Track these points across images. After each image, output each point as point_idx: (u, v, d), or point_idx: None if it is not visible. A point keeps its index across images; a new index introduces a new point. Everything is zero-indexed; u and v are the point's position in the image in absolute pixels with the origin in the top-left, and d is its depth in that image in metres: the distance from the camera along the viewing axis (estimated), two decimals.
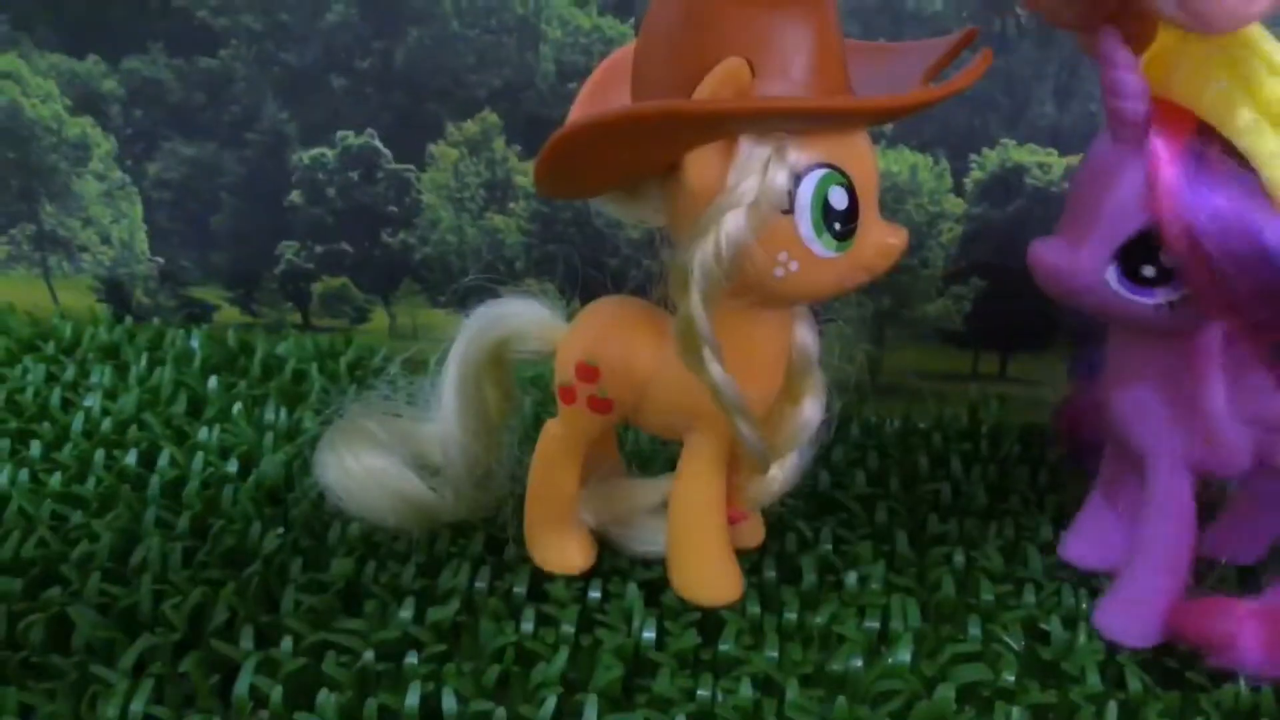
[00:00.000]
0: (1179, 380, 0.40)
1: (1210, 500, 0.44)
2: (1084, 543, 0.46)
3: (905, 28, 0.55)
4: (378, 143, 0.61)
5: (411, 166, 0.61)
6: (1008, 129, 0.57)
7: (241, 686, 0.39)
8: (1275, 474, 0.41)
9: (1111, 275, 0.38)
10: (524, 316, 0.44)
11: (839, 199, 0.36)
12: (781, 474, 0.42)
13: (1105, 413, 0.43)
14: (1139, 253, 0.37)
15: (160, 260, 0.64)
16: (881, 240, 0.38)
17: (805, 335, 0.41)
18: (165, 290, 0.65)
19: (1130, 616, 0.42)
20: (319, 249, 0.63)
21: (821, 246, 0.36)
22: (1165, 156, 0.36)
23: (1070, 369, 0.54)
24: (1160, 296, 0.38)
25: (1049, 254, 0.39)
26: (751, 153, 0.35)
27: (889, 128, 0.57)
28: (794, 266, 0.37)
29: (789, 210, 0.36)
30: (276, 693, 0.38)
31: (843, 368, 0.43)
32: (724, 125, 0.36)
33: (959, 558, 0.46)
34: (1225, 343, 0.39)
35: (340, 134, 0.61)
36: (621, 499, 0.44)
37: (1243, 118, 0.35)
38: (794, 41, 0.35)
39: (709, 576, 0.43)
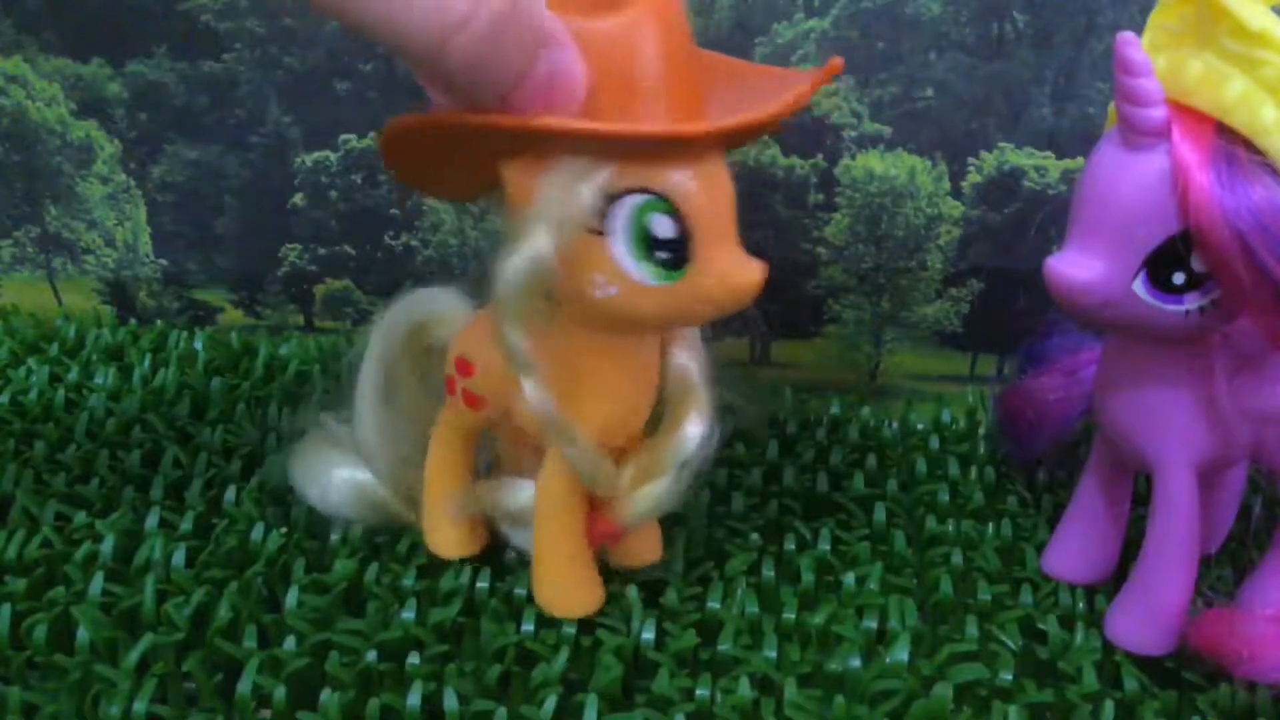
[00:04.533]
0: (1186, 383, 0.40)
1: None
2: (1066, 555, 0.46)
3: (903, 33, 0.56)
4: None
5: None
6: (1005, 132, 0.57)
7: (244, 686, 0.39)
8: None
9: (1140, 285, 0.37)
10: (434, 305, 0.45)
11: (663, 227, 0.35)
12: (657, 491, 0.40)
13: (1104, 423, 0.43)
14: (1168, 260, 0.36)
15: (164, 262, 0.64)
16: (726, 273, 0.36)
17: (682, 358, 0.40)
18: (169, 292, 0.65)
19: (1149, 625, 0.42)
20: (322, 251, 0.63)
21: (644, 274, 0.35)
22: (1195, 163, 0.35)
23: (1018, 362, 0.54)
24: (1190, 302, 0.37)
25: (1069, 269, 0.37)
26: (563, 169, 0.34)
27: (888, 131, 0.57)
28: (613, 290, 0.35)
29: (600, 231, 0.35)
30: (279, 692, 0.39)
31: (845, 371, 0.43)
32: (531, 140, 0.34)
33: (956, 558, 0.47)
34: (1223, 339, 0.40)
35: (343, 137, 0.61)
36: (498, 496, 0.44)
37: (1267, 116, 0.35)
38: (627, 58, 0.34)
39: (560, 587, 0.43)
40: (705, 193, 0.35)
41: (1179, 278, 0.37)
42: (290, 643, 0.41)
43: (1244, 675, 0.40)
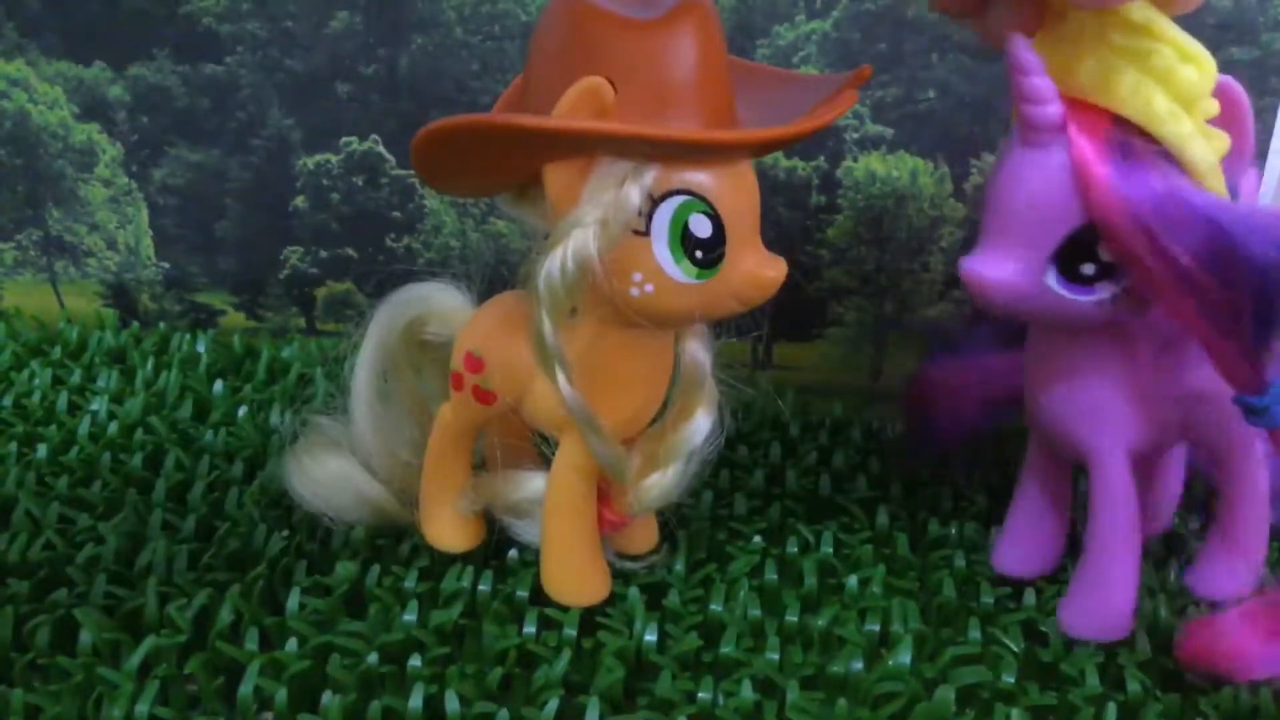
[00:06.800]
0: (1113, 372, 0.41)
1: None
2: (1018, 552, 0.46)
3: (905, 34, 0.56)
4: (382, 148, 0.61)
5: (415, 172, 0.61)
6: (1007, 133, 0.57)
7: (246, 688, 0.39)
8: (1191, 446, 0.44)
9: (1051, 279, 0.38)
10: (434, 300, 0.45)
11: (701, 227, 0.36)
12: (664, 481, 0.41)
13: (1036, 417, 0.43)
14: (1076, 252, 0.37)
15: (166, 265, 0.64)
16: (754, 271, 0.37)
17: (696, 351, 0.41)
18: (171, 295, 0.65)
19: (1099, 611, 0.42)
20: (323, 254, 0.63)
21: (680, 272, 0.36)
22: (1093, 155, 0.36)
23: (931, 348, 0.53)
24: (1101, 292, 0.38)
25: (983, 269, 0.38)
26: (608, 171, 0.35)
27: (890, 132, 0.57)
28: (649, 288, 0.37)
29: (643, 232, 0.36)
30: (281, 694, 0.39)
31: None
32: (575, 142, 0.35)
33: (959, 561, 0.47)
34: (1145, 325, 0.40)
35: (344, 140, 0.61)
36: (501, 489, 0.44)
37: (1159, 105, 0.36)
38: (666, 64, 0.35)
39: (570, 577, 0.43)
40: (738, 194, 0.37)
41: (1089, 269, 0.38)
42: (292, 645, 0.41)
43: (1244, 679, 0.40)
